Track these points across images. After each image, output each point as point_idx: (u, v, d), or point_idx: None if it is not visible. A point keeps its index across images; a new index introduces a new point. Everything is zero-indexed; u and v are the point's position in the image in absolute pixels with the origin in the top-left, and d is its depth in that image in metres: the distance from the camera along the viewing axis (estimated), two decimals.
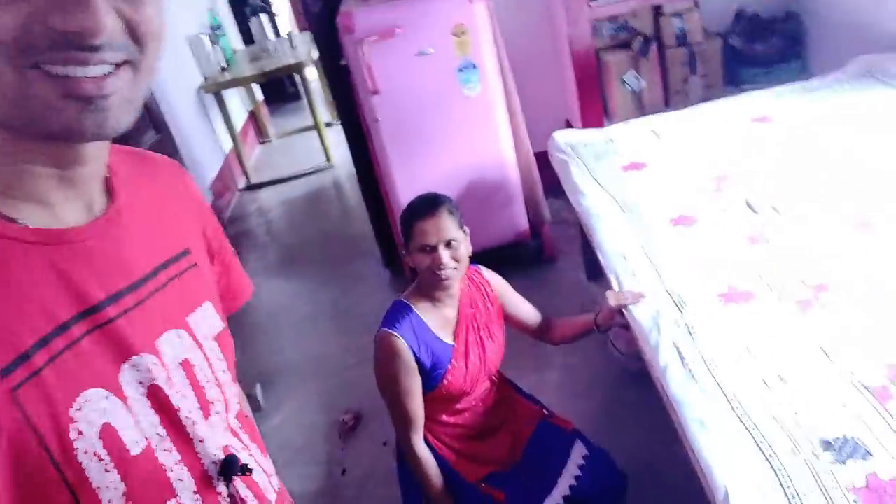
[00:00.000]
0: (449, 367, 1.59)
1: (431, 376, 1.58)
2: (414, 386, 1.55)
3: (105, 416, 0.60)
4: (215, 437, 0.72)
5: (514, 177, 2.84)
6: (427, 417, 1.61)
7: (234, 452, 0.74)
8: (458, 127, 2.70)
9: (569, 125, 3.31)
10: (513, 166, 2.82)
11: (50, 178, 0.60)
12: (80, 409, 0.58)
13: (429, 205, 1.56)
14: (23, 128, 0.55)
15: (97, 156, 0.64)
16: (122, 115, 0.57)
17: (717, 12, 3.23)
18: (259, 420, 1.84)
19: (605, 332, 1.80)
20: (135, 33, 0.56)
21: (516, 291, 1.78)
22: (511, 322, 1.77)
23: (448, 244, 1.53)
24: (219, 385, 0.74)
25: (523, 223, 2.93)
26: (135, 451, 0.62)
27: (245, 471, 0.74)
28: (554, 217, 3.06)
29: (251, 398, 2.54)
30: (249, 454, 0.78)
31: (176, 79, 4.10)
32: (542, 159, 2.76)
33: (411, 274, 1.65)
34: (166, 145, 3.22)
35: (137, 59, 0.57)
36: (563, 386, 2.37)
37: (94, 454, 0.59)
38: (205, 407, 0.71)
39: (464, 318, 1.64)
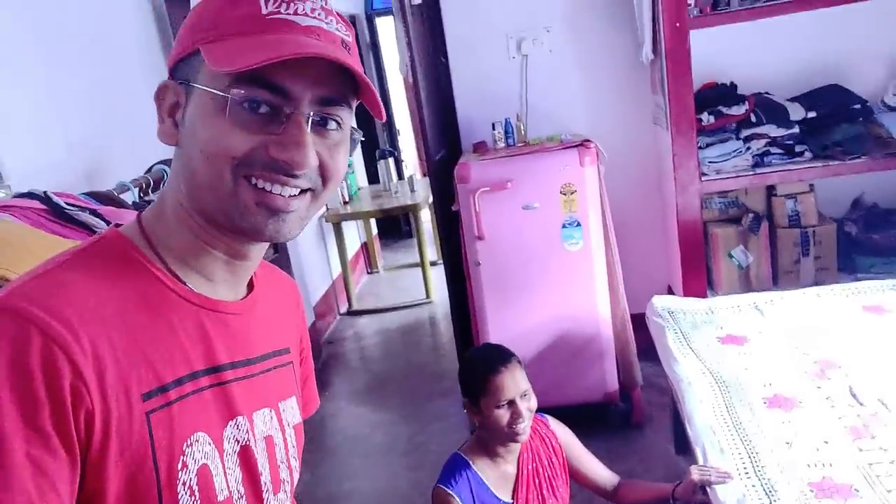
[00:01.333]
0: None
1: None
2: None
3: (205, 459, 0.70)
4: None
5: (608, 335, 2.81)
6: None
7: None
8: (556, 279, 2.75)
9: (670, 291, 3.28)
10: (607, 324, 2.80)
11: (220, 262, 0.76)
12: (190, 446, 0.69)
13: (501, 359, 1.57)
14: (219, 219, 0.72)
15: (258, 256, 0.80)
16: (294, 229, 0.73)
17: (832, 198, 3.19)
18: None
19: None
20: (324, 172, 0.73)
21: (598, 453, 1.72)
22: (577, 478, 1.70)
23: (523, 395, 1.54)
24: (289, 468, 0.83)
25: (613, 383, 2.86)
26: (220, 497, 0.71)
27: None
28: (647, 382, 2.97)
29: None
30: None
31: None
32: (639, 321, 2.73)
33: (472, 426, 1.64)
34: (281, 263, 3.43)
35: (319, 190, 0.74)
36: None
37: (190, 488, 0.68)
38: (275, 482, 0.80)
39: (524, 473, 1.60)
